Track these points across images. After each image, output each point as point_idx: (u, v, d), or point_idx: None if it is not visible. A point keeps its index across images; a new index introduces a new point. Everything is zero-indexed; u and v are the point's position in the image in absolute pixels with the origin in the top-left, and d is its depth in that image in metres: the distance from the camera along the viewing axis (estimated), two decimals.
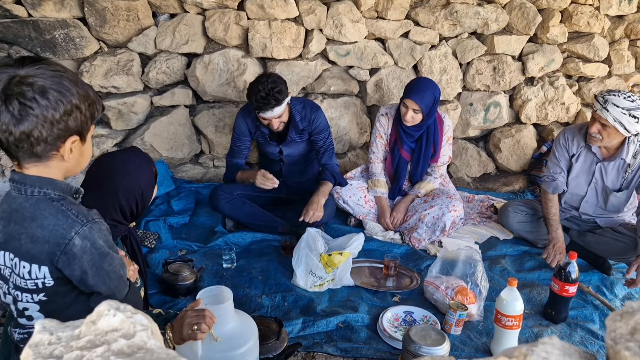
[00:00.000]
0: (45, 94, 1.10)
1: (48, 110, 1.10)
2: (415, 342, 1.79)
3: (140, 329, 0.45)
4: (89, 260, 1.19)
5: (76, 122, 1.17)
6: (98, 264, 1.21)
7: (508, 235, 3.03)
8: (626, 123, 2.45)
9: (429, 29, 3.47)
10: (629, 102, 2.45)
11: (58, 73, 1.13)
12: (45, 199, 1.18)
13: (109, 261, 1.23)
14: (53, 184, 1.20)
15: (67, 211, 1.18)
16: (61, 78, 1.13)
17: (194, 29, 3.15)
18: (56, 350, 0.43)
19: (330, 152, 3.00)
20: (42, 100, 1.10)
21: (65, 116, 1.13)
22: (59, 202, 1.19)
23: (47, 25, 2.90)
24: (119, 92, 3.16)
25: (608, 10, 3.69)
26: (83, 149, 1.24)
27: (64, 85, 1.13)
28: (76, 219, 1.18)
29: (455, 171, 3.84)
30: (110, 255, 1.24)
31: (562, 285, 2.18)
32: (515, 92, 3.80)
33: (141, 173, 1.74)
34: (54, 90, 1.11)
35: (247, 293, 2.34)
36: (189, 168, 3.49)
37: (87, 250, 1.18)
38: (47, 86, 1.10)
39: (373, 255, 2.74)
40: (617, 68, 3.84)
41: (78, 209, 1.21)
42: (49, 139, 1.13)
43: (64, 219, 1.17)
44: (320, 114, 2.93)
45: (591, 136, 2.60)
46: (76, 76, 1.19)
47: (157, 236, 2.72)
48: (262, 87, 2.60)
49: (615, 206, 2.77)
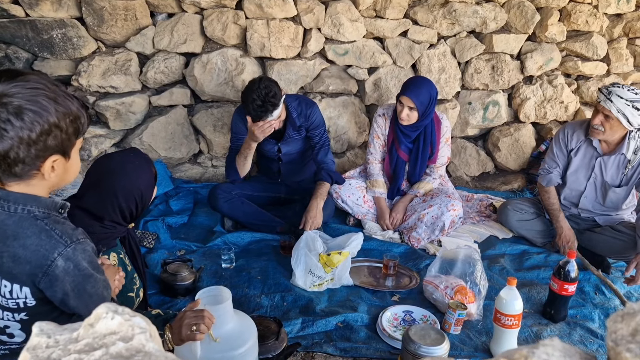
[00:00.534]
0: (20, 115, 1.05)
1: (23, 131, 1.06)
2: (414, 342, 1.78)
3: (138, 332, 0.44)
4: (71, 282, 1.15)
5: (56, 141, 1.12)
6: (80, 286, 1.16)
7: (507, 234, 3.03)
8: (629, 115, 2.48)
9: (428, 28, 3.47)
10: (632, 94, 2.49)
11: (35, 90, 1.07)
12: (28, 217, 1.14)
13: (92, 283, 1.18)
14: (37, 201, 1.16)
15: (50, 231, 1.14)
16: (38, 96, 1.07)
17: (192, 28, 3.15)
18: (54, 354, 0.42)
19: (326, 148, 2.98)
20: (17, 122, 1.05)
21: (43, 136, 1.09)
22: (43, 221, 1.15)
23: (44, 25, 2.89)
24: (117, 92, 3.15)
25: (606, 9, 3.69)
26: (67, 166, 1.20)
27: (40, 104, 1.07)
28: (60, 239, 1.14)
29: (454, 170, 3.84)
30: (93, 277, 1.19)
31: (561, 284, 2.17)
32: (514, 90, 3.80)
33: (140, 174, 1.73)
34: (29, 111, 1.06)
35: (246, 293, 2.33)
36: (188, 168, 3.49)
37: (70, 272, 1.14)
38: (23, 106, 1.05)
39: (372, 254, 2.74)
40: (616, 66, 3.85)
41: (62, 228, 1.16)
42: (27, 160, 1.10)
43: (47, 239, 1.13)
44: (316, 109, 2.91)
45: (593, 128, 2.62)
46: (58, 90, 1.12)
47: (155, 236, 2.72)
48: (257, 95, 2.56)
49: (614, 202, 2.77)
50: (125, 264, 1.78)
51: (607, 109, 2.52)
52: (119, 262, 1.73)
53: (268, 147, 2.94)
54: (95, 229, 1.64)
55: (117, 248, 1.77)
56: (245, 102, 2.62)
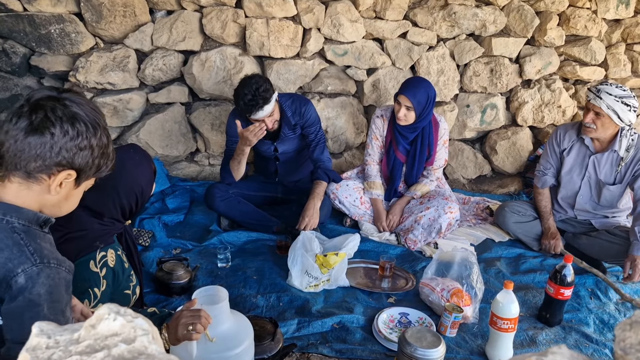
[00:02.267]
0: (73, 121, 1.10)
1: (65, 136, 1.09)
2: (411, 344, 1.78)
3: (141, 334, 0.43)
4: (18, 301, 1.06)
5: (82, 161, 1.14)
6: (21, 310, 1.06)
7: (504, 237, 3.03)
8: (619, 111, 2.54)
9: (427, 30, 3.47)
10: (620, 90, 2.56)
11: (94, 111, 1.15)
12: (7, 228, 1.10)
13: (32, 314, 1.06)
14: (18, 212, 1.12)
15: (24, 246, 1.08)
16: (95, 116, 1.14)
17: (191, 26, 3.13)
18: (54, 355, 0.41)
19: (322, 146, 2.96)
20: (66, 124, 1.09)
21: (77, 149, 1.11)
22: (20, 235, 1.10)
23: (42, 20, 2.87)
24: (114, 89, 3.13)
25: (605, 14, 3.70)
26: (71, 193, 1.19)
27: (94, 122, 1.13)
28: (30, 256, 1.08)
29: (451, 172, 3.84)
30: (37, 310, 1.07)
31: (557, 288, 2.18)
32: (512, 94, 3.80)
33: (141, 170, 1.74)
34: (82, 122, 1.11)
35: (242, 293, 2.32)
36: (185, 166, 3.47)
37: (23, 292, 1.05)
38: (79, 115, 1.10)
39: (369, 256, 2.73)
40: (614, 72, 3.86)
41: (37, 246, 1.10)
42: (48, 161, 1.10)
43: (18, 253, 1.07)
44: (310, 106, 2.90)
45: (585, 126, 2.67)
46: (106, 125, 1.19)
47: (151, 234, 2.70)
48: (247, 90, 2.57)
49: (609, 200, 2.79)
50: (122, 261, 1.77)
51: (598, 106, 2.57)
52: (116, 259, 1.72)
53: (264, 147, 2.93)
54: (94, 226, 1.63)
55: (115, 245, 1.76)
56: (237, 98, 2.63)
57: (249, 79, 2.64)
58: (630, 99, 2.54)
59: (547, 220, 2.90)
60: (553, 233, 2.85)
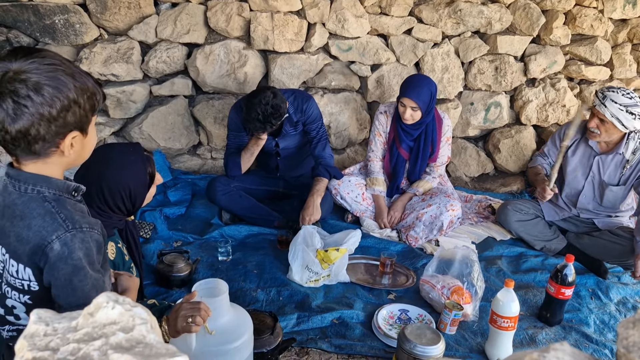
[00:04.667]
0: (40, 91, 1.04)
1: (44, 107, 1.05)
2: (410, 341, 1.78)
3: (139, 323, 0.43)
4: (61, 269, 1.11)
5: (75, 117, 1.11)
6: (67, 276, 1.11)
7: (505, 236, 3.03)
8: (623, 119, 2.52)
9: (432, 27, 3.45)
10: (627, 98, 2.53)
11: (53, 67, 1.06)
12: (37, 198, 1.13)
13: (80, 277, 1.12)
14: (48, 182, 1.14)
15: (56, 213, 1.12)
16: (56, 72, 1.06)
17: (195, 18, 3.12)
18: (52, 342, 0.41)
19: (323, 142, 2.93)
20: (37, 97, 1.04)
21: (63, 112, 1.08)
22: (51, 203, 1.13)
23: (47, 10, 2.86)
24: (118, 80, 3.13)
25: (612, 14, 3.68)
26: (85, 142, 1.18)
27: (59, 79, 1.06)
28: (62, 223, 1.11)
29: (454, 170, 3.83)
30: (84, 271, 1.13)
31: (558, 287, 2.17)
32: (516, 92, 3.79)
33: (132, 172, 1.69)
34: (48, 86, 1.04)
35: (242, 286, 2.33)
36: (187, 159, 3.47)
37: (63, 259, 1.10)
38: (42, 82, 1.04)
39: (369, 252, 2.73)
40: (619, 72, 3.84)
41: (68, 213, 1.13)
42: (47, 137, 1.08)
43: (50, 221, 1.11)
44: (312, 103, 2.87)
45: (590, 131, 2.68)
46: (73, 67, 1.11)
47: (152, 226, 2.70)
48: (261, 110, 2.52)
49: (611, 201, 2.79)
50: (123, 253, 1.77)
51: (602, 113, 2.57)
52: (116, 252, 1.72)
53: (266, 142, 2.92)
54: None
55: (115, 237, 1.76)
56: (248, 111, 2.57)
57: (270, 96, 2.54)
58: (635, 108, 2.52)
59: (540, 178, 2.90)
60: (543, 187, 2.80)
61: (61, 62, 1.09)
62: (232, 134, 2.88)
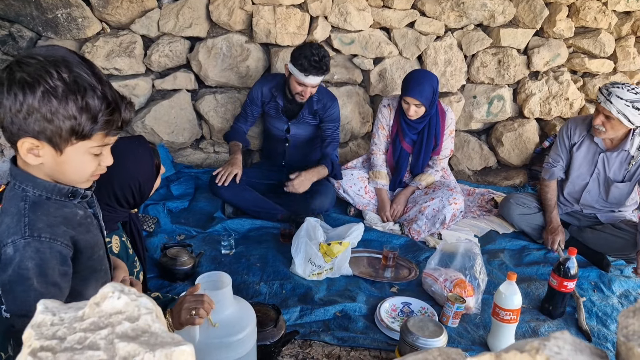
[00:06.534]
0: (10, 87, 1.01)
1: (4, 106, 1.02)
2: (412, 333, 1.79)
3: (144, 312, 0.44)
4: (7, 274, 1.07)
5: (38, 127, 1.03)
6: (12, 282, 1.07)
7: (507, 230, 3.03)
8: (630, 115, 2.49)
9: (435, 20, 3.44)
10: (632, 94, 2.48)
11: (43, 68, 1.01)
12: (19, 196, 1.10)
13: (24, 287, 1.06)
14: (34, 182, 1.11)
15: (22, 216, 1.08)
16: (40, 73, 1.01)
17: (197, 12, 3.12)
18: (59, 332, 0.42)
19: (335, 144, 3.02)
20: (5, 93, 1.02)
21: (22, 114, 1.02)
22: (26, 204, 1.09)
23: (49, 4, 2.86)
24: (120, 74, 3.13)
25: (615, 6, 3.66)
26: (59, 160, 1.09)
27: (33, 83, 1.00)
28: (22, 227, 1.07)
29: (457, 164, 3.83)
30: (27, 283, 1.06)
31: (560, 280, 2.17)
32: (519, 86, 3.78)
33: (141, 165, 1.70)
34: (20, 84, 1.00)
35: (245, 280, 2.33)
36: (190, 153, 3.48)
37: (11, 264, 1.06)
38: (16, 79, 1.01)
39: (372, 245, 2.74)
40: (623, 65, 3.82)
41: (34, 219, 1.09)
42: (7, 134, 1.06)
43: (15, 222, 1.08)
44: (336, 104, 2.99)
45: (595, 128, 2.63)
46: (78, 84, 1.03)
47: (155, 220, 2.71)
48: (316, 51, 2.66)
49: (617, 198, 2.78)
50: (127, 247, 1.77)
51: (607, 110, 2.52)
52: (120, 246, 1.73)
53: (278, 124, 2.96)
54: None
55: (119, 231, 1.76)
56: (301, 54, 2.67)
57: (317, 45, 2.75)
58: None
59: (551, 213, 2.86)
60: (554, 227, 2.81)
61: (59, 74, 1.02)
62: (247, 101, 3.00)
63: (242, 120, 3.06)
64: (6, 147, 2.96)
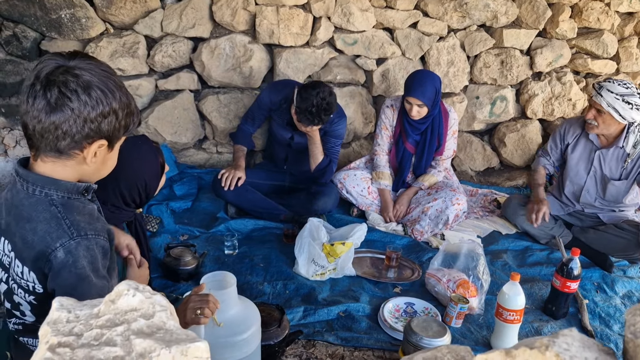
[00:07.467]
0: (88, 90, 1.06)
1: (85, 107, 1.06)
2: (416, 334, 1.79)
3: (159, 310, 0.44)
4: (65, 278, 1.09)
5: (109, 127, 1.11)
6: (72, 284, 1.09)
7: (510, 230, 3.03)
8: (620, 109, 2.52)
9: (438, 20, 3.44)
10: (623, 88, 2.53)
11: (106, 74, 1.10)
12: (45, 201, 1.11)
13: (84, 286, 1.10)
14: (57, 185, 1.12)
15: (61, 219, 1.10)
16: (108, 79, 1.09)
17: (200, 12, 3.13)
18: (75, 328, 0.42)
19: (333, 160, 2.98)
20: (83, 95, 1.05)
21: (100, 117, 1.09)
22: (57, 208, 1.11)
23: (53, 5, 2.87)
24: (124, 75, 3.14)
25: (618, 7, 3.66)
26: (107, 157, 1.18)
27: (109, 86, 1.09)
28: (67, 229, 1.09)
29: (459, 164, 3.83)
30: (88, 280, 1.10)
31: (564, 281, 2.18)
32: (522, 86, 3.78)
33: (146, 164, 1.71)
34: (97, 89, 1.07)
35: (249, 280, 2.34)
36: (193, 153, 3.48)
37: (67, 267, 1.08)
38: (93, 83, 1.06)
39: (375, 246, 2.74)
40: (626, 65, 3.82)
41: (74, 219, 1.11)
42: (77, 137, 1.08)
43: (55, 227, 1.09)
44: (343, 122, 2.96)
45: (587, 123, 2.69)
46: (122, 83, 1.14)
47: (159, 220, 2.72)
48: (317, 102, 2.57)
49: (614, 196, 2.79)
50: None
51: (598, 103, 2.57)
52: None
53: (282, 132, 2.95)
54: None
55: (124, 231, 1.77)
56: (303, 98, 2.61)
57: (327, 92, 2.62)
58: (633, 97, 2.52)
59: (539, 191, 2.89)
60: (539, 199, 2.81)
61: (114, 72, 1.13)
62: (255, 104, 3.00)
63: (250, 122, 3.05)
64: (10, 147, 2.97)
